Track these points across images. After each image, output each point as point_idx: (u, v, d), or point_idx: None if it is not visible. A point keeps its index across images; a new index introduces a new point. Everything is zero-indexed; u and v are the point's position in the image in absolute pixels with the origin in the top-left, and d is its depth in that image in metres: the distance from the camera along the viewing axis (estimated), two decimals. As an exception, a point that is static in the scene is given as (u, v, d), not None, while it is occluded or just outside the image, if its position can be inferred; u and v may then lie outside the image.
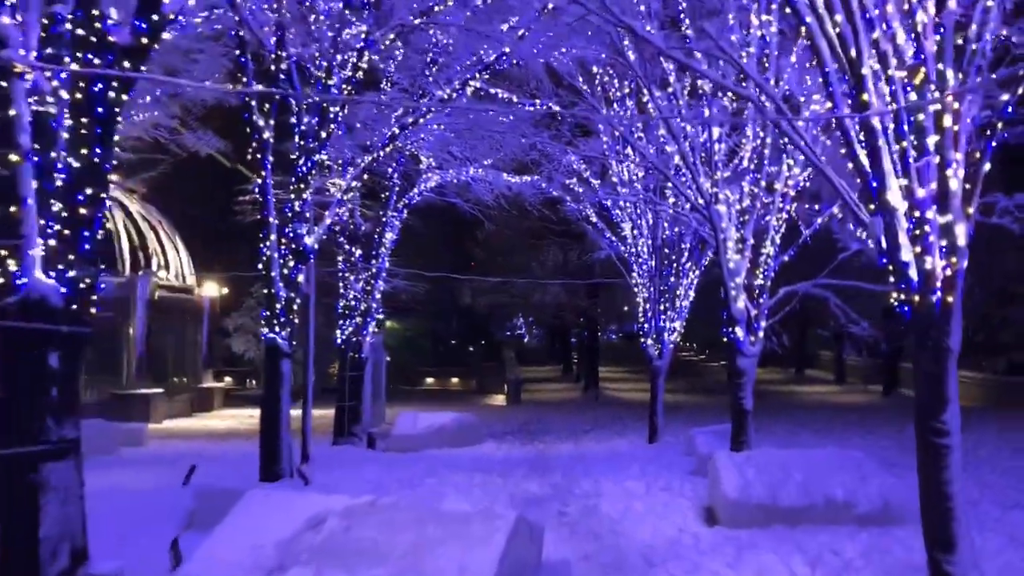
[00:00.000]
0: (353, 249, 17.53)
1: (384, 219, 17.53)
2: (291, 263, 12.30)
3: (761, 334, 12.49)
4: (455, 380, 48.17)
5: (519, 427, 22.38)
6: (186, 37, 16.93)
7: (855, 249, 13.42)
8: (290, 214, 12.40)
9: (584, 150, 17.29)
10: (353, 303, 17.51)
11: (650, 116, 12.58)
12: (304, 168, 12.25)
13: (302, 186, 12.28)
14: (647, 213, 17.49)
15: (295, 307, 12.42)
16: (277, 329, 12.25)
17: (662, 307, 17.60)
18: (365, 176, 17.69)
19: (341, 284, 17.65)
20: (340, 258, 17.59)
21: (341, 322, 17.68)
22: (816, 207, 13.68)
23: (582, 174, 17.53)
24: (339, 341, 17.67)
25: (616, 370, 48.56)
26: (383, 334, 23.42)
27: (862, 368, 40.37)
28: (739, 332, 12.32)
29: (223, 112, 18.96)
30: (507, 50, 12.28)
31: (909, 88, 6.53)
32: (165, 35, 7.04)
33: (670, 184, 16.27)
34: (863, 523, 9.38)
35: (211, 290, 27.24)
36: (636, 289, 18.01)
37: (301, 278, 12.50)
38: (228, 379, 32.01)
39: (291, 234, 12.30)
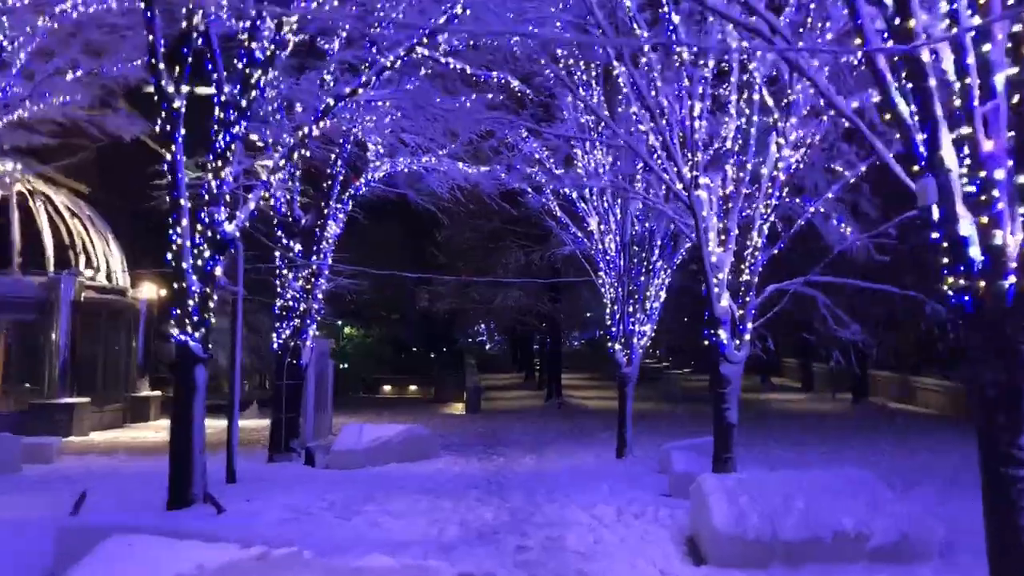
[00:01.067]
0: (291, 243, 15.68)
1: (326, 210, 15.70)
2: (207, 253, 10.46)
3: (747, 337, 10.89)
4: (413, 388, 46.34)
5: (477, 438, 20.61)
6: (111, 12, 15.12)
7: (842, 248, 11.91)
8: (206, 197, 10.58)
9: (547, 137, 15.63)
10: (291, 303, 15.66)
11: (636, 38, 10.82)
12: (222, 143, 10.44)
13: (220, 164, 10.46)
14: (615, 207, 15.87)
15: (211, 304, 10.59)
16: (189, 330, 10.41)
17: (631, 309, 15.98)
18: (305, 162, 15.91)
19: (278, 282, 15.79)
20: (277, 253, 15.73)
21: (278, 325, 15.81)
22: (798, 200, 12.12)
23: (545, 163, 15.84)
24: (275, 346, 15.80)
25: (579, 377, 46.97)
26: (331, 340, 21.53)
27: (828, 375, 39.17)
28: (723, 335, 10.70)
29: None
30: (459, 10, 10.54)
31: (971, 10, 4.93)
32: None
33: (641, 173, 14.76)
34: (877, 559, 7.79)
35: (148, 291, 25.11)
36: (603, 290, 16.38)
37: (219, 271, 10.67)
38: (168, 388, 29.80)
39: (206, 219, 10.47)
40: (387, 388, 47.88)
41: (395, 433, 15.73)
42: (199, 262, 10.46)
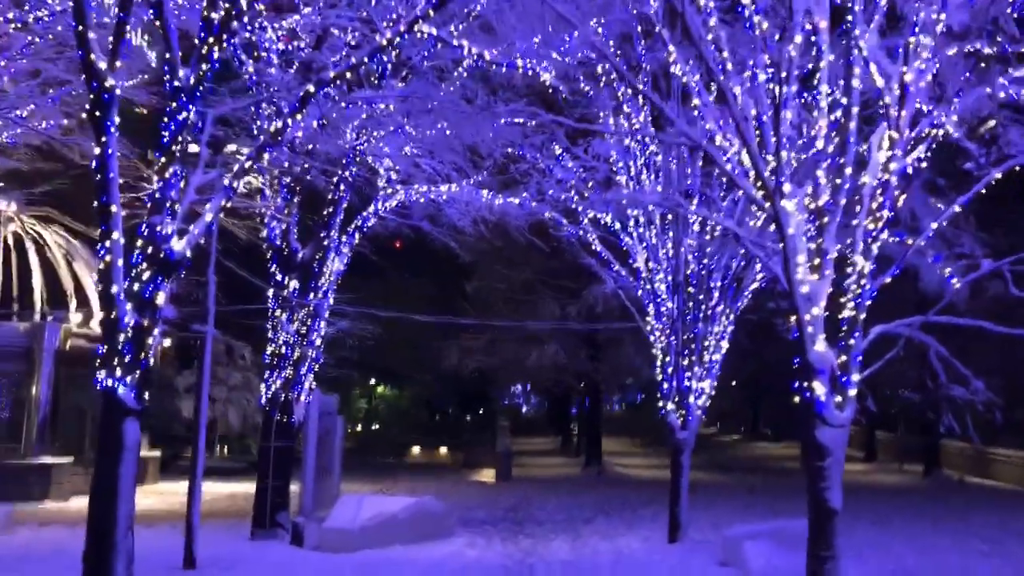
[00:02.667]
0: (286, 279, 13.27)
1: (327, 241, 13.29)
2: (146, 275, 8.03)
3: (852, 393, 8.11)
4: (443, 452, 43.43)
5: (504, 513, 17.76)
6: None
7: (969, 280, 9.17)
8: (148, 204, 8.21)
9: (583, 159, 13.19)
10: (284, 350, 13.18)
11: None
12: (169, 133, 8.08)
13: (166, 160, 8.09)
14: (666, 238, 13.25)
15: (150, 341, 8.11)
16: (118, 372, 7.90)
17: (686, 362, 13.23)
18: (306, 189, 13.60)
19: (269, 325, 13.35)
20: (270, 292, 13.32)
21: (267, 375, 13.32)
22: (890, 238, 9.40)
23: (581, 188, 13.32)
24: (263, 400, 13.28)
25: (620, 443, 43.78)
26: (336, 395, 19.02)
27: (892, 443, 35.67)
28: (819, 389, 7.94)
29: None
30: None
31: None
32: None
33: (702, 190, 12.19)
34: None
35: (150, 342, 22.84)
36: (652, 338, 13.67)
37: (162, 298, 8.20)
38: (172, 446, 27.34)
39: (147, 232, 8.06)
40: (416, 451, 44.96)
41: (401, 508, 13.03)
42: (136, 286, 8.02)
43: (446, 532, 13.71)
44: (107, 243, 7.88)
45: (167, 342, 23.58)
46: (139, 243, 8.14)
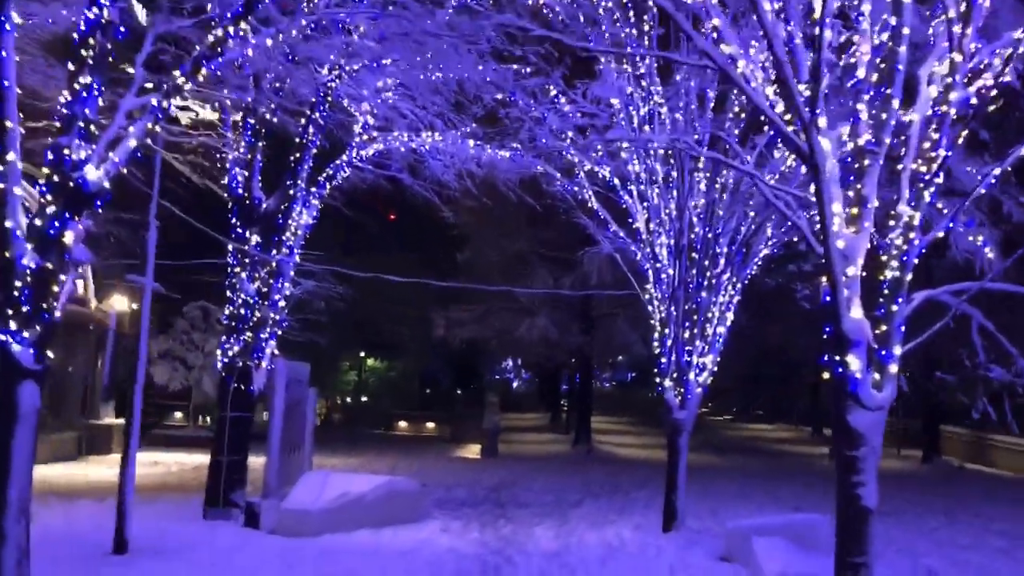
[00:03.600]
0: (248, 232, 11.81)
1: (292, 191, 11.82)
2: (51, 209, 6.59)
3: (894, 369, 6.72)
4: (431, 426, 42.18)
5: (486, 494, 16.43)
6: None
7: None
8: (58, 123, 6.78)
9: (582, 103, 11.70)
10: (243, 311, 11.74)
11: None
12: (79, 33, 6.62)
13: (75, 67, 6.63)
14: (668, 198, 11.80)
15: (56, 289, 6.69)
16: (13, 325, 6.49)
17: (687, 335, 11.82)
18: (272, 133, 12.12)
19: (228, 284, 11.90)
20: (230, 246, 11.87)
21: (224, 339, 11.88)
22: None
23: (578, 138, 11.83)
24: (219, 366, 11.86)
25: (610, 421, 42.52)
26: (307, 364, 17.58)
27: (890, 428, 34.45)
28: (854, 364, 6.52)
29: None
30: None
31: None
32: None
33: (717, 133, 10.75)
34: None
35: (120, 303, 21.44)
36: (650, 308, 12.26)
37: (70, 238, 6.76)
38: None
39: (53, 156, 6.62)
40: (403, 425, 43.73)
41: (370, 487, 11.66)
42: (39, 221, 6.59)
43: (420, 514, 12.37)
44: (2, 164, 6.45)
45: (136, 305, 22.09)
46: (45, 170, 6.72)
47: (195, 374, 25.59)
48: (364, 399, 63.92)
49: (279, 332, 12.17)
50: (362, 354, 65.29)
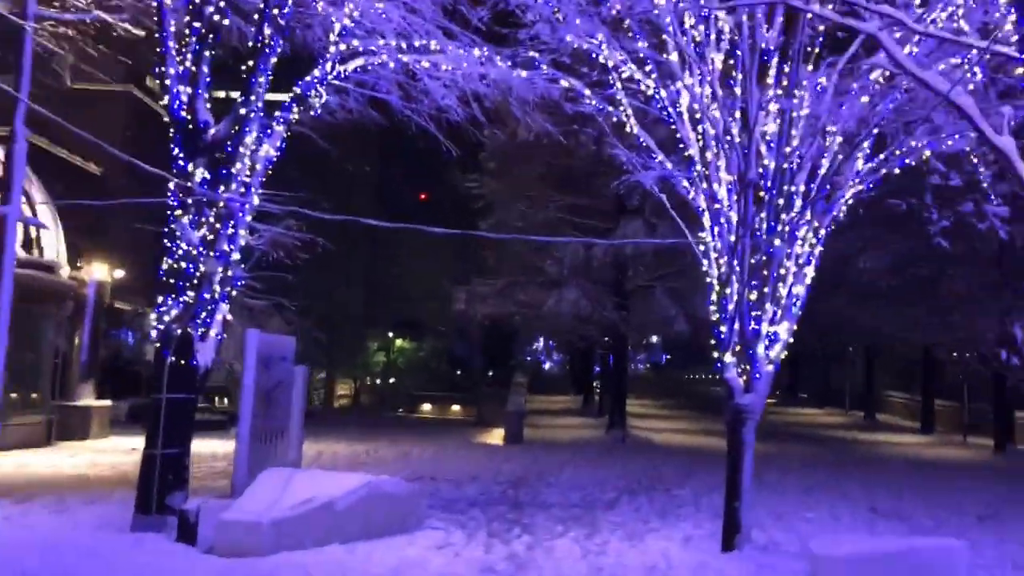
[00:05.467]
0: (191, 166, 9.12)
1: (246, 111, 9.10)
2: None
3: None
4: (456, 408, 39.61)
5: (503, 490, 13.71)
6: None
7: None
8: None
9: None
10: (184, 265, 9.05)
11: None
12: None
13: None
14: (729, 119, 8.87)
15: None
16: None
17: (754, 296, 8.93)
18: (218, 36, 9.39)
19: (167, 231, 9.22)
20: (171, 183, 9.19)
21: (160, 301, 9.20)
22: None
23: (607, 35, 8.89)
24: (155, 334, 9.19)
25: (645, 404, 39.56)
26: (292, 336, 15.07)
27: (953, 414, 31.19)
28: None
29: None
30: None
31: None
32: None
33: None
34: None
35: (99, 272, 18.98)
36: (706, 263, 9.37)
37: None
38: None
39: None
40: (427, 407, 41.20)
41: (345, 490, 8.92)
42: None
43: (412, 523, 9.66)
44: None
45: (120, 272, 19.59)
46: None
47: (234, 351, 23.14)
48: (392, 380, 61.70)
49: (231, 291, 9.44)
50: (390, 334, 63.05)
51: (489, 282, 25.96)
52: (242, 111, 9.08)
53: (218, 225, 9.09)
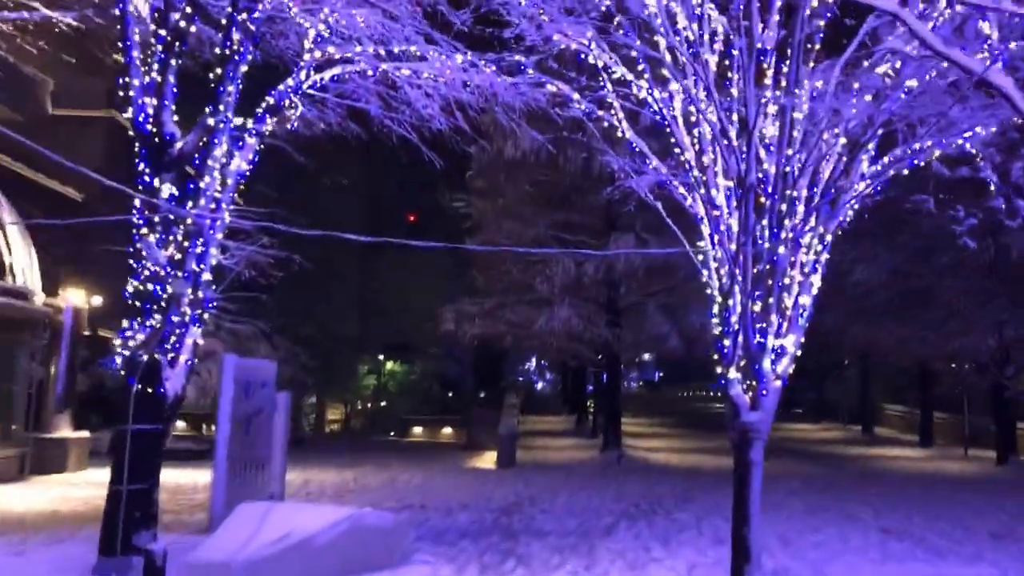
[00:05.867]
0: (157, 181, 8.54)
1: (214, 121, 8.53)
2: None
3: None
4: (447, 431, 38.85)
5: (496, 517, 13.05)
6: None
7: None
8: None
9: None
10: (150, 286, 8.44)
11: None
12: None
13: None
14: (729, 122, 8.35)
15: None
16: None
17: (758, 307, 8.37)
18: (186, 45, 8.85)
19: (132, 250, 8.61)
20: (137, 198, 8.60)
21: (125, 324, 8.59)
22: None
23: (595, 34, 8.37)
24: (117, 360, 8.55)
25: (639, 423, 38.90)
26: (278, 359, 14.47)
27: (953, 426, 30.67)
28: None
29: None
30: None
31: None
32: None
33: None
34: None
35: (76, 298, 18.31)
36: (706, 273, 8.81)
37: None
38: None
39: None
40: (418, 431, 40.39)
41: (324, 525, 8.28)
42: None
43: (399, 557, 9.02)
44: None
45: (99, 299, 18.87)
46: None
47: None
48: (383, 404, 60.82)
49: (203, 314, 8.83)
50: (381, 357, 62.22)
51: (478, 301, 25.39)
52: (210, 122, 8.51)
53: (186, 243, 8.49)
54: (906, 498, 16.62)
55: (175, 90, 8.76)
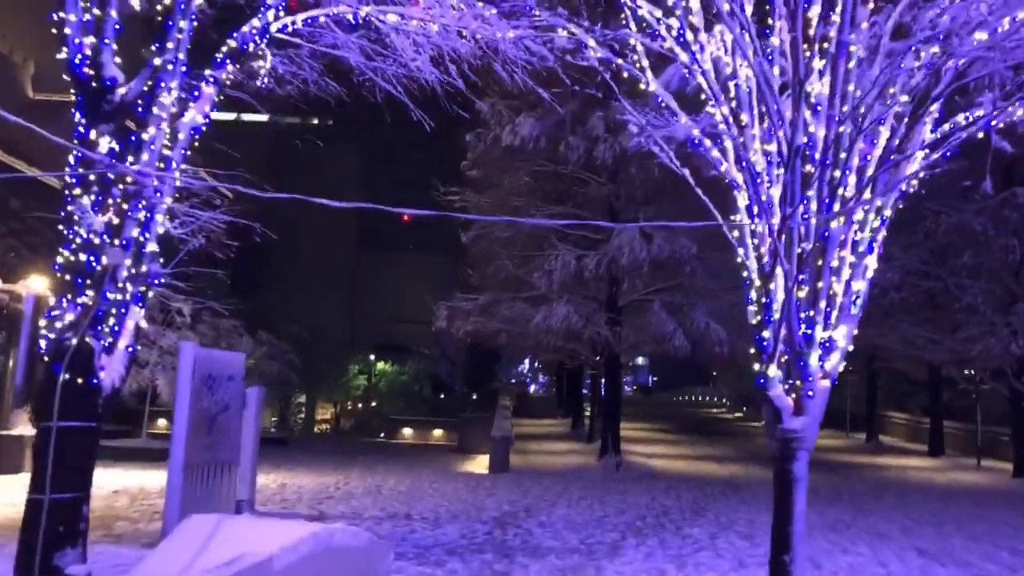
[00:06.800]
0: (93, 133, 7.12)
1: (163, 61, 7.13)
2: None
3: None
4: (438, 433, 37.41)
5: (487, 530, 11.63)
6: None
7: None
8: None
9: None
10: (83, 257, 7.02)
11: None
12: None
13: None
14: (767, 78, 6.97)
15: None
16: None
17: (803, 293, 6.99)
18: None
19: (64, 215, 7.18)
20: (72, 153, 7.18)
21: (53, 302, 7.17)
22: None
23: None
24: (43, 346, 7.11)
25: (635, 427, 37.47)
26: (243, 354, 13.10)
27: (964, 436, 29.33)
28: None
29: None
30: None
31: None
32: None
33: None
34: None
35: (37, 285, 16.87)
36: (742, 252, 7.40)
37: None
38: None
39: None
40: (408, 432, 38.93)
41: (285, 545, 6.83)
42: None
43: (375, 582, 7.59)
44: None
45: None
46: None
47: (147, 373, 21.03)
48: (374, 404, 59.36)
49: (146, 291, 7.40)
50: (372, 357, 60.77)
51: (472, 298, 23.99)
52: (157, 62, 7.11)
53: (125, 206, 7.07)
54: (931, 513, 15.28)
55: (117, 27, 7.33)
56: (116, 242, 7.05)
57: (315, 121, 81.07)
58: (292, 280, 57.66)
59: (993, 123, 7.26)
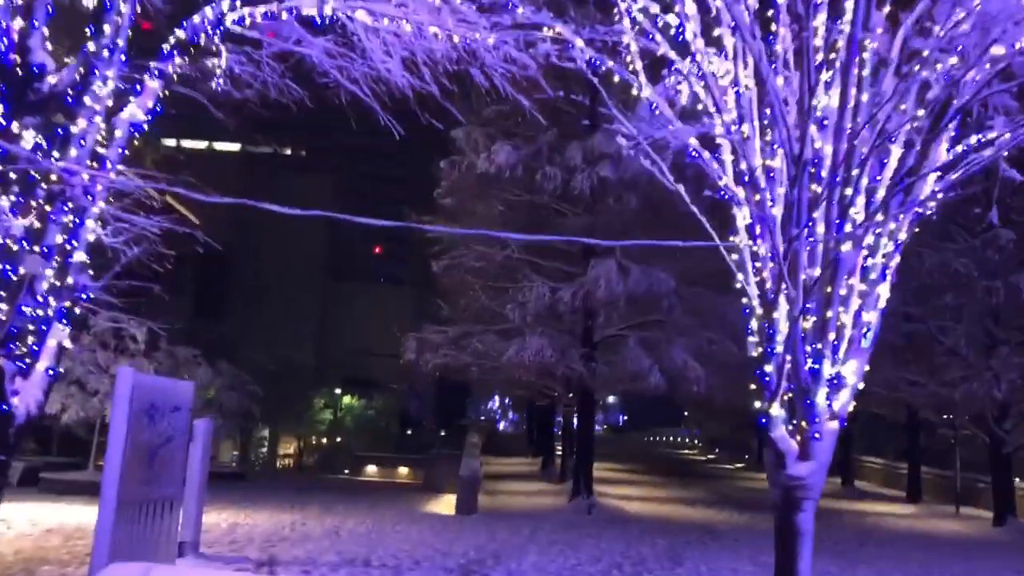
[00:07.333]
0: (14, 125, 6.28)
1: (97, 47, 6.33)
2: None
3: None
4: (404, 471, 36.20)
5: (452, 580, 10.69)
6: None
7: None
8: None
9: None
10: (0, 266, 6.16)
11: None
12: None
13: None
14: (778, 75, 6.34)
15: None
16: None
17: (809, 323, 6.28)
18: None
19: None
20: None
21: (-43, 315, 6.27)
22: None
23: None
24: (-58, 365, 6.20)
25: (607, 468, 36.53)
26: (191, 382, 12.16)
27: (943, 483, 28.77)
28: None
29: None
30: None
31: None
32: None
33: None
34: None
35: None
36: (740, 277, 6.69)
37: None
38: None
39: None
40: (372, 470, 37.67)
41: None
42: None
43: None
44: None
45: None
46: None
47: (96, 403, 19.89)
48: (339, 440, 57.92)
49: (72, 306, 6.52)
50: (338, 391, 59.46)
51: (442, 330, 23.11)
52: (91, 47, 6.30)
53: (48, 208, 6.21)
54: (918, 563, 14.59)
55: (50, 9, 6.53)
56: (36, 249, 6.17)
57: (287, 152, 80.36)
58: (259, 309, 56.52)
59: (1006, 149, 6.67)
